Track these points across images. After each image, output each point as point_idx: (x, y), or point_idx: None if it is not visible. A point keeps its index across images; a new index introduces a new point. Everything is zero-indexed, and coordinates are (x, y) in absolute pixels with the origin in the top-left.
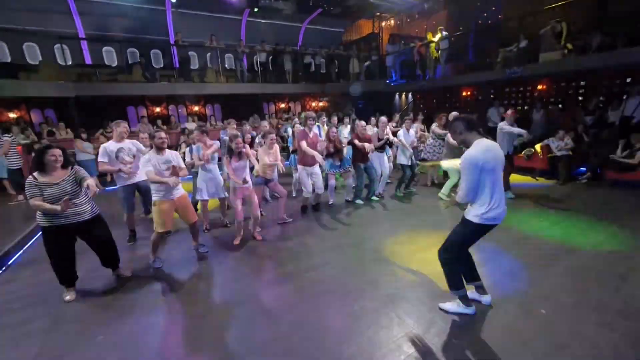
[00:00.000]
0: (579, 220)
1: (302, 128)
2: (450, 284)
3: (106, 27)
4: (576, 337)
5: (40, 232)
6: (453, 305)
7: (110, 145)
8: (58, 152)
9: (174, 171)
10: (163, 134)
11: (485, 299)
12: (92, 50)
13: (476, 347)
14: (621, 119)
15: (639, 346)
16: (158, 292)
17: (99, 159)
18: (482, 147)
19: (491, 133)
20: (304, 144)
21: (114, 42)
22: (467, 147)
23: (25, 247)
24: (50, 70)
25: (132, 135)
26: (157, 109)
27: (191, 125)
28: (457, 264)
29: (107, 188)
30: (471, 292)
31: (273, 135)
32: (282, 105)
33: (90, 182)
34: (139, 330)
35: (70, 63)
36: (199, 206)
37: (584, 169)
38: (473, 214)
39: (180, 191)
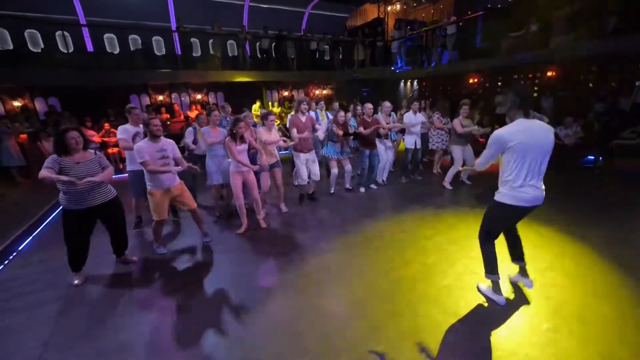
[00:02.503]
0: (583, 207)
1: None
2: (485, 266)
3: (107, 14)
4: (573, 315)
5: (61, 215)
6: (486, 288)
7: (129, 128)
8: (76, 133)
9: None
10: (158, 121)
11: (527, 281)
12: (94, 37)
13: (471, 331)
14: (633, 106)
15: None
16: (163, 278)
17: (119, 136)
18: (516, 127)
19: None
20: (294, 131)
21: (115, 28)
22: (507, 124)
23: (34, 234)
24: (53, 58)
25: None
26: (160, 97)
27: (193, 113)
28: (493, 246)
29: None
30: (514, 275)
31: (273, 117)
32: (286, 93)
33: (107, 172)
34: (146, 314)
35: (72, 50)
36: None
37: (592, 157)
38: (497, 192)
39: (175, 180)
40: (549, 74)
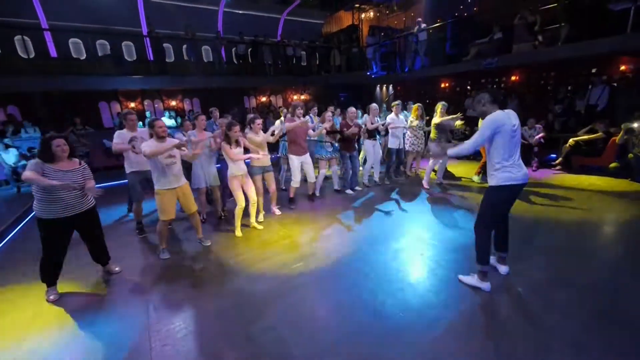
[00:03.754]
0: (551, 202)
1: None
2: (477, 257)
3: (71, 18)
4: (550, 311)
5: (38, 225)
6: (470, 279)
7: (125, 133)
8: (62, 141)
9: (179, 145)
10: (162, 122)
11: (503, 268)
12: (58, 42)
13: (454, 326)
14: (587, 107)
15: (605, 318)
16: (149, 287)
17: (114, 140)
18: (501, 114)
19: (473, 122)
20: (288, 124)
21: (82, 33)
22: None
23: None
24: (11, 64)
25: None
26: (132, 104)
27: (169, 121)
28: (489, 236)
29: (97, 185)
30: (492, 258)
31: (259, 121)
32: (264, 99)
33: (92, 183)
34: (121, 328)
35: (32, 56)
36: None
37: (554, 155)
38: (491, 178)
39: (182, 180)
40: (513, 78)
